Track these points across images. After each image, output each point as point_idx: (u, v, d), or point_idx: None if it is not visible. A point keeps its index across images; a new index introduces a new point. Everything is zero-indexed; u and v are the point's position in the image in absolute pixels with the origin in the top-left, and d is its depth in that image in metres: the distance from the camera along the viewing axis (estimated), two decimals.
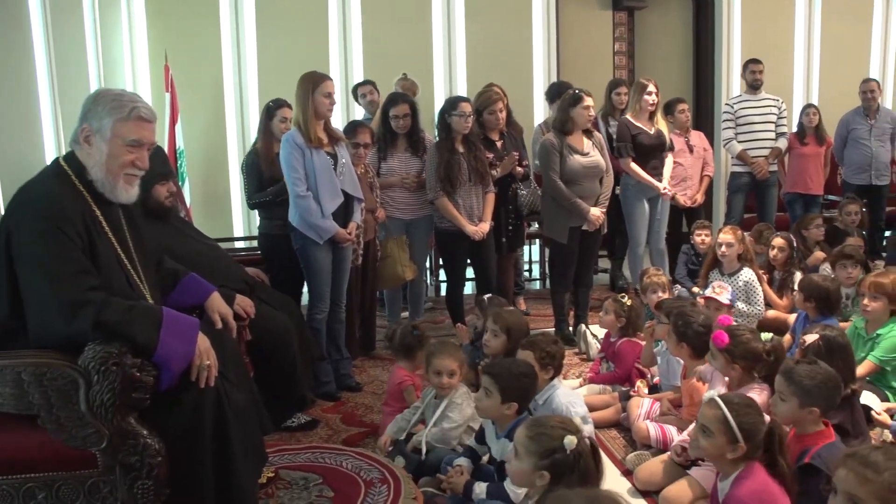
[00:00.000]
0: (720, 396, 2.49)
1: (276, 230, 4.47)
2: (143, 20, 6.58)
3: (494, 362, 3.20)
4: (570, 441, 2.16)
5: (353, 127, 4.73)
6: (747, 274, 4.92)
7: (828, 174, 7.13)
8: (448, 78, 7.40)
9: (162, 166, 3.58)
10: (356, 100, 6.26)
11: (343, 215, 4.23)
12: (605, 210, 4.98)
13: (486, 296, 4.41)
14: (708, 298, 4.44)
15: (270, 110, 4.69)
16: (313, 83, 4.05)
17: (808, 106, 7.12)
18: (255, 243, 5.52)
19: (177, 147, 6.20)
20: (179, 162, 6.21)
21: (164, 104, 6.16)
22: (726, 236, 4.99)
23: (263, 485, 2.97)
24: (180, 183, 6.03)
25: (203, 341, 2.43)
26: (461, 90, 7.24)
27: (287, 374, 3.57)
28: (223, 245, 5.14)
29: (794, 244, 5.39)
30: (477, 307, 4.26)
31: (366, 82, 6.33)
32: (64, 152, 2.74)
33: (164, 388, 2.33)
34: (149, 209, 3.40)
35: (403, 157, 5.06)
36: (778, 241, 5.33)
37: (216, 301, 2.83)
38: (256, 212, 4.99)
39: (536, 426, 2.23)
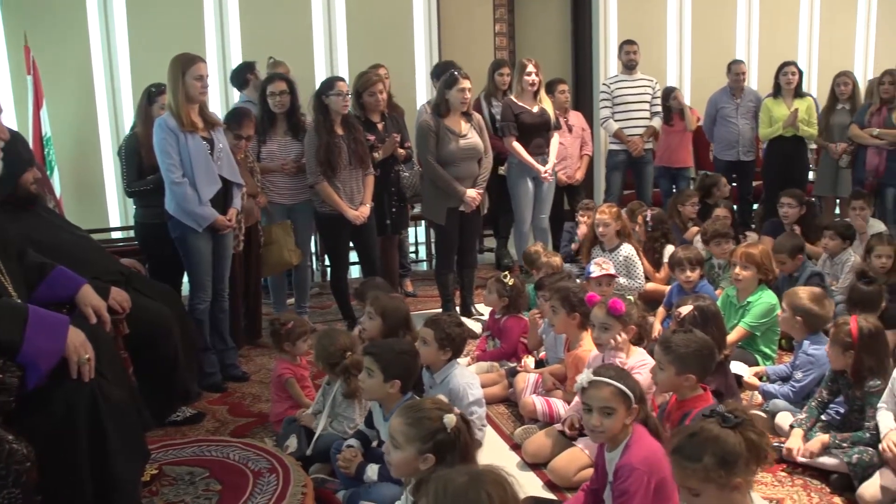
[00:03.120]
0: (594, 373, 2.53)
1: (152, 219, 4.31)
2: None
3: (374, 342, 3.19)
4: (450, 420, 2.17)
5: (238, 117, 4.58)
6: (627, 249, 5.08)
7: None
8: (329, 59, 7.30)
9: (26, 152, 3.39)
10: (248, 74, 6.01)
11: (222, 202, 4.12)
12: (482, 191, 5.03)
13: (364, 280, 4.39)
14: (589, 279, 4.54)
15: (151, 95, 4.48)
16: (182, 66, 3.90)
17: (673, 89, 7.42)
18: (132, 233, 5.30)
19: (43, 133, 5.86)
20: (47, 150, 5.88)
21: (26, 88, 5.82)
22: (602, 216, 5.14)
23: (147, 483, 2.88)
24: (49, 172, 5.73)
25: (76, 336, 2.32)
26: (342, 71, 7.15)
27: (168, 367, 3.45)
28: (98, 236, 4.94)
29: (663, 220, 5.62)
30: (356, 297, 4.23)
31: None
32: None
33: (32, 388, 2.21)
34: (16, 198, 3.22)
35: (283, 142, 4.96)
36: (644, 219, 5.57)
37: (88, 294, 2.71)
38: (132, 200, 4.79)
39: (413, 412, 2.22)
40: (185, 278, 4.28)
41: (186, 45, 4.57)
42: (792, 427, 3.20)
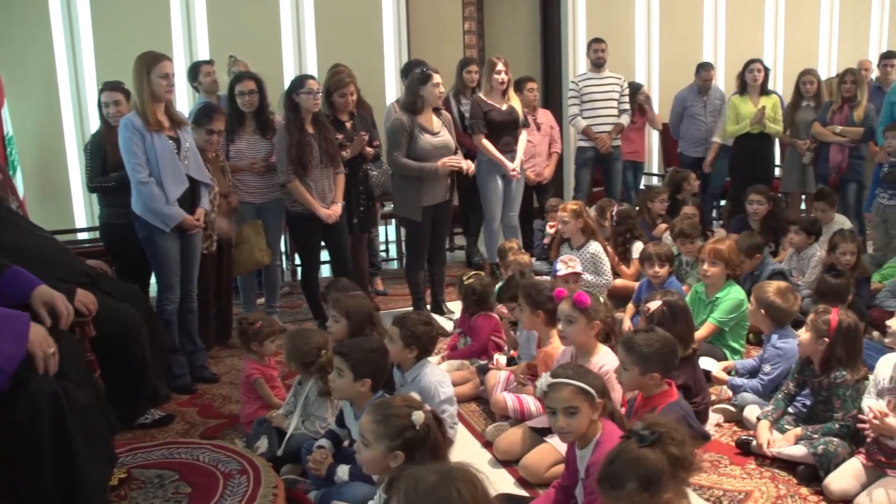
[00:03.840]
0: (552, 375, 2.53)
1: (118, 219, 4.26)
2: None
3: (343, 342, 3.18)
4: (419, 416, 2.17)
5: (208, 112, 4.55)
6: (593, 246, 5.09)
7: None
8: (297, 57, 7.25)
9: None
10: (192, 80, 5.97)
11: (190, 201, 4.08)
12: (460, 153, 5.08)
13: (329, 282, 4.38)
14: (556, 276, 4.56)
15: (99, 94, 4.52)
16: (147, 64, 3.86)
17: (640, 86, 7.54)
18: (99, 234, 5.23)
19: (4, 133, 5.74)
20: (9, 149, 5.76)
21: None
22: (562, 214, 5.18)
23: (115, 487, 2.85)
24: (11, 172, 5.62)
25: (37, 332, 2.28)
26: (311, 69, 7.11)
27: (137, 369, 3.41)
28: (64, 237, 4.86)
29: (629, 215, 5.66)
30: (322, 300, 4.21)
31: (207, 61, 6.08)
32: None
33: None
34: None
35: (252, 140, 4.94)
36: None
37: (42, 292, 2.61)
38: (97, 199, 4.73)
39: (381, 409, 2.22)
40: (153, 279, 4.23)
41: (153, 43, 4.51)
42: (759, 420, 3.24)
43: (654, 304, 3.49)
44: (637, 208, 6.22)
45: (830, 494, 2.83)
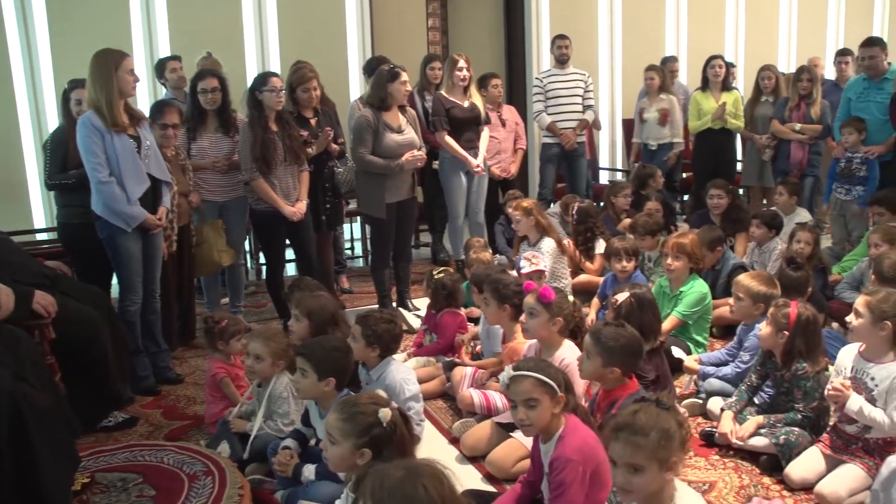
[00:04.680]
0: (514, 367, 2.54)
1: (77, 219, 4.20)
2: None
3: (304, 342, 3.16)
4: (385, 414, 2.17)
5: (159, 107, 4.51)
6: (547, 244, 5.04)
7: None
8: (260, 54, 7.19)
9: None
10: (159, 77, 5.90)
11: (151, 200, 4.02)
12: (421, 147, 5.07)
13: (292, 281, 4.35)
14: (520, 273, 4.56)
15: (66, 92, 4.45)
16: (115, 60, 3.79)
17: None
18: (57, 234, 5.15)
19: None
20: None
21: None
22: (514, 212, 5.17)
23: (77, 492, 2.79)
24: None
25: None
26: (274, 66, 7.06)
27: (99, 371, 3.38)
28: (22, 238, 4.77)
29: (589, 213, 5.69)
30: (286, 299, 4.18)
31: (173, 57, 6.00)
32: None
33: None
34: None
35: (214, 138, 4.88)
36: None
37: None
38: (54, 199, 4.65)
39: (347, 407, 2.22)
40: (115, 280, 4.17)
41: (112, 40, 4.44)
42: (722, 411, 3.28)
43: (622, 296, 3.52)
44: (601, 204, 6.26)
45: (791, 483, 2.88)
